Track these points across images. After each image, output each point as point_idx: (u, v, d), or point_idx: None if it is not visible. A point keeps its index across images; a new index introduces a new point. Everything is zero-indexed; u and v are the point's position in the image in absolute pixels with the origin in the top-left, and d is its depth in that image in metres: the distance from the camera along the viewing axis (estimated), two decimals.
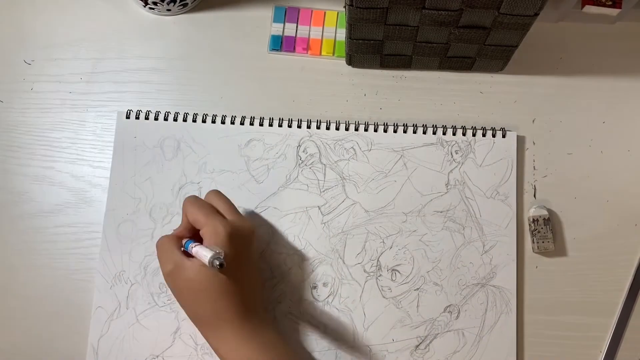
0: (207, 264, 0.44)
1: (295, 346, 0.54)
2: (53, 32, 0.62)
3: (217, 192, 0.52)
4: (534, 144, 0.58)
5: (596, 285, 0.56)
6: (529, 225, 0.56)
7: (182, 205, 0.50)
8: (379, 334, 0.54)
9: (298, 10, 0.61)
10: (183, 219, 0.50)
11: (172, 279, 0.47)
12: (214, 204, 0.50)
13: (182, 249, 0.48)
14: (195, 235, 0.49)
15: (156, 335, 0.54)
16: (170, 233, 0.51)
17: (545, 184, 0.57)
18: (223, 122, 0.58)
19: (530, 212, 0.56)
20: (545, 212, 0.55)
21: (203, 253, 0.45)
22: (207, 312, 0.47)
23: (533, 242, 0.55)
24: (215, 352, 0.47)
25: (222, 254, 0.44)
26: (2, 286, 0.56)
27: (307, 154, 0.57)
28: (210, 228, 0.47)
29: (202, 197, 0.52)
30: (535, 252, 0.55)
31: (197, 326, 0.48)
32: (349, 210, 0.56)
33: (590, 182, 0.57)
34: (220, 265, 0.43)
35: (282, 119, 0.58)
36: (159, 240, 0.50)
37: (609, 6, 0.55)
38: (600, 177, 0.57)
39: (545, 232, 0.55)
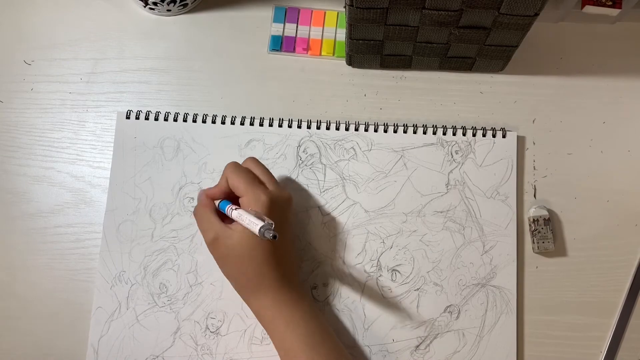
0: (256, 233, 0.44)
1: None
2: (53, 32, 0.62)
3: (256, 160, 0.52)
4: (534, 144, 0.58)
5: (596, 285, 0.56)
6: (529, 225, 0.56)
7: (223, 169, 0.51)
8: (379, 334, 0.54)
9: (298, 10, 0.61)
10: (221, 182, 0.50)
11: (215, 247, 0.49)
12: (253, 172, 0.50)
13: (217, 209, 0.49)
14: (230, 199, 0.50)
15: (156, 336, 0.54)
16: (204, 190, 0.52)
17: (545, 184, 0.57)
18: (223, 122, 0.58)
19: (531, 212, 0.56)
20: (545, 212, 0.55)
21: (251, 220, 0.45)
22: (250, 278, 0.48)
23: (533, 242, 0.55)
24: (257, 317, 0.49)
25: (273, 225, 0.44)
26: (2, 286, 0.56)
27: (307, 154, 0.57)
28: (252, 196, 0.47)
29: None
30: (536, 252, 0.55)
31: (238, 291, 0.50)
32: (349, 211, 0.56)
33: (590, 182, 0.57)
34: (274, 237, 0.43)
35: (282, 119, 0.58)
36: (196, 210, 0.51)
37: (609, 6, 0.55)
38: (600, 177, 0.57)
39: (545, 232, 0.55)
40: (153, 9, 0.61)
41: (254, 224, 0.44)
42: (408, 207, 0.56)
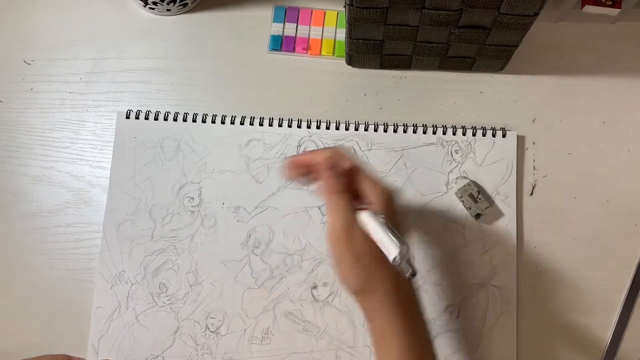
0: (390, 257, 0.41)
1: (296, 345, 0.54)
2: (53, 32, 0.62)
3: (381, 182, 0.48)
4: (534, 144, 0.58)
5: (596, 285, 0.56)
6: (461, 200, 0.55)
7: (351, 166, 0.46)
8: None
9: (298, 10, 0.61)
10: (337, 175, 0.46)
11: (336, 238, 0.45)
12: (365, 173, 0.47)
13: None
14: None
15: (156, 335, 0.54)
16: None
17: (545, 184, 0.57)
18: (223, 122, 0.58)
19: (454, 187, 0.55)
20: (466, 182, 0.55)
21: (384, 241, 0.41)
22: (359, 280, 0.45)
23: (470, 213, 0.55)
24: (366, 319, 0.46)
25: (409, 256, 0.41)
26: (2, 286, 0.56)
27: None
28: (387, 213, 0.44)
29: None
30: (478, 220, 0.55)
31: (348, 291, 0.46)
32: None
33: (590, 182, 0.57)
34: (413, 274, 0.40)
35: (282, 119, 0.58)
36: (332, 194, 0.45)
37: (609, 6, 0.55)
38: (600, 177, 0.57)
39: (479, 202, 0.54)
40: (153, 9, 0.61)
41: (390, 247, 0.41)
42: (408, 207, 0.56)
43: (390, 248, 0.41)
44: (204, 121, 0.58)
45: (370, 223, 0.42)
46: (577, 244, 0.56)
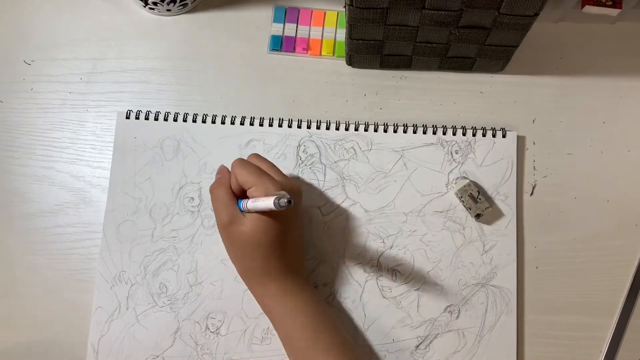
0: (271, 206, 0.43)
1: None
2: (53, 32, 0.62)
3: (259, 155, 0.53)
4: (534, 144, 0.58)
5: (596, 285, 0.56)
6: (461, 200, 0.55)
7: (231, 166, 0.51)
8: (379, 334, 0.54)
9: (298, 10, 0.61)
10: (232, 180, 0.50)
11: (227, 232, 0.49)
12: (260, 166, 0.50)
13: None
14: (242, 196, 0.50)
15: (156, 336, 0.54)
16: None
17: (545, 184, 0.57)
18: (223, 122, 0.58)
19: (454, 188, 0.56)
20: (466, 181, 0.55)
21: (264, 201, 0.45)
22: (256, 266, 0.49)
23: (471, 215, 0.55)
24: (259, 303, 0.50)
25: (286, 195, 0.44)
26: (2, 286, 0.56)
27: (307, 154, 0.57)
28: (260, 188, 0.47)
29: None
30: (477, 220, 0.55)
31: (243, 278, 0.51)
32: (349, 210, 0.56)
33: (590, 182, 0.57)
34: (289, 201, 0.43)
35: (282, 119, 0.58)
36: (213, 189, 0.50)
37: (609, 6, 0.55)
38: (600, 177, 0.57)
39: (479, 202, 0.55)
40: (153, 9, 0.61)
41: (268, 200, 0.44)
42: (408, 207, 0.56)
43: (267, 203, 0.44)
44: (204, 121, 0.58)
45: (254, 201, 0.46)
46: (577, 244, 0.56)
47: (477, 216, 0.55)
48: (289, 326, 0.49)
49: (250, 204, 0.47)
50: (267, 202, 0.45)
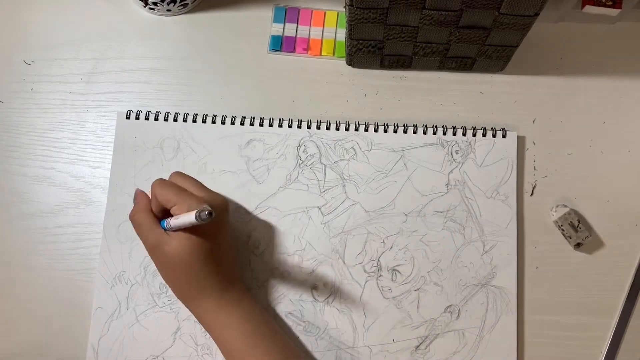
0: (193, 220, 0.43)
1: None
2: (53, 32, 0.62)
3: (180, 173, 0.52)
4: (534, 144, 0.58)
5: (596, 285, 0.56)
6: (560, 229, 0.55)
7: (150, 190, 0.50)
8: (379, 334, 0.54)
9: (298, 10, 0.61)
10: (153, 202, 0.50)
11: (156, 255, 0.49)
12: (181, 184, 0.50)
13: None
14: (166, 216, 0.49)
15: (156, 336, 0.54)
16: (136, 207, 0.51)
17: (545, 184, 0.57)
18: (223, 122, 0.58)
19: (553, 216, 0.55)
20: (567, 210, 0.55)
21: (186, 217, 0.44)
22: (189, 285, 0.48)
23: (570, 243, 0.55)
24: (199, 320, 0.50)
25: (207, 207, 0.44)
26: (2, 286, 0.56)
27: (307, 154, 0.57)
28: (183, 205, 0.47)
29: None
30: (578, 250, 0.56)
31: (179, 298, 0.50)
32: (349, 211, 0.56)
33: (590, 182, 0.57)
34: (210, 213, 0.43)
35: (282, 119, 0.58)
36: (134, 215, 0.50)
37: (609, 6, 0.55)
38: (600, 177, 0.57)
39: (580, 231, 0.55)
40: (153, 9, 0.61)
41: (189, 215, 0.44)
42: (408, 207, 0.56)
43: (189, 218, 0.44)
44: (204, 121, 0.58)
45: (177, 218, 0.46)
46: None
47: (577, 245, 0.55)
48: (227, 340, 0.48)
49: (173, 221, 0.47)
50: (188, 217, 0.44)
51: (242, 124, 0.58)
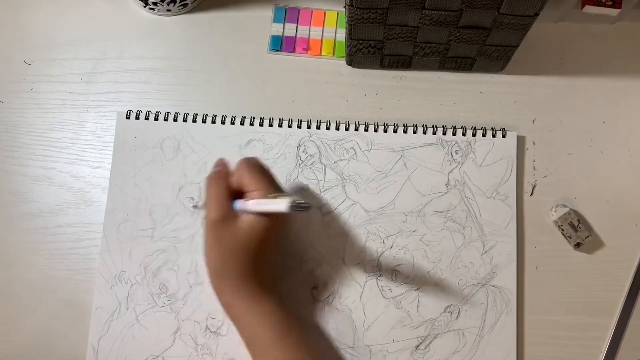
0: (282, 209, 0.42)
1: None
2: (53, 32, 0.62)
3: (264, 166, 0.50)
4: (534, 144, 0.58)
5: (596, 285, 0.56)
6: (560, 229, 0.55)
7: (237, 164, 0.49)
8: (379, 334, 0.54)
9: (298, 10, 0.61)
10: (235, 177, 0.49)
11: (217, 228, 0.47)
12: (261, 172, 0.49)
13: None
14: (237, 196, 0.48)
15: (156, 336, 0.54)
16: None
17: (545, 184, 0.57)
18: (223, 122, 0.58)
19: (553, 216, 0.55)
20: (566, 210, 0.55)
21: (275, 203, 0.43)
22: (236, 267, 0.47)
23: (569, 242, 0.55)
24: (227, 307, 0.49)
25: (297, 201, 0.42)
26: (2, 286, 0.56)
27: (307, 154, 0.57)
28: (266, 192, 0.46)
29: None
30: (577, 249, 0.55)
31: (214, 278, 0.49)
32: (349, 211, 0.56)
33: (590, 182, 0.57)
34: (306, 206, 0.42)
35: (282, 119, 0.58)
36: (213, 181, 0.49)
37: (609, 6, 0.55)
38: (600, 177, 0.57)
39: (579, 231, 0.55)
40: (153, 9, 0.61)
41: (281, 202, 0.42)
42: (408, 207, 0.56)
43: (280, 205, 0.43)
44: (204, 121, 0.58)
45: (260, 202, 0.45)
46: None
47: (577, 245, 0.55)
48: (258, 330, 0.47)
49: (251, 203, 0.46)
50: (278, 205, 0.43)
51: (242, 124, 0.58)
